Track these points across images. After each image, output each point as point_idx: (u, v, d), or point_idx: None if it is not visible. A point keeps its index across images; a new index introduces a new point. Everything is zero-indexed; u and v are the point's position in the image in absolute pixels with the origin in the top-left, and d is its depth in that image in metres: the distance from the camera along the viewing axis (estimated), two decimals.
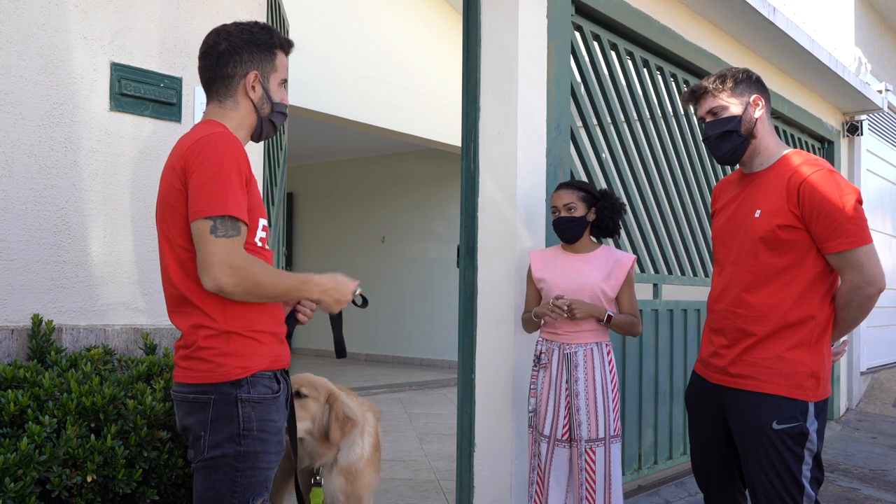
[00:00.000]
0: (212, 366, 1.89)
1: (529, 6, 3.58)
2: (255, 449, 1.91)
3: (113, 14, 2.81)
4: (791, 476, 2.35)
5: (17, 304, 2.58)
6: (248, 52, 2.01)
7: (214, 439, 1.89)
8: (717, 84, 2.52)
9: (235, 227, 1.84)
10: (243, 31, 2.02)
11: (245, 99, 2.02)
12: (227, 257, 1.81)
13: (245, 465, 1.90)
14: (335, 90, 7.11)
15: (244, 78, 2.00)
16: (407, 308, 10.59)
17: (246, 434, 1.90)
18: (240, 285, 1.83)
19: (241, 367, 1.90)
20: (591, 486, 2.98)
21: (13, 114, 2.58)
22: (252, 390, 1.91)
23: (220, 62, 2.00)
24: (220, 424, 1.89)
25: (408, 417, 6.72)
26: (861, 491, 4.91)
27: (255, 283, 1.86)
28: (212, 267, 1.81)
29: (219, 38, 2.02)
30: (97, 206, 2.77)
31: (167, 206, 1.92)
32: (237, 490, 1.90)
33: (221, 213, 1.81)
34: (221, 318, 1.90)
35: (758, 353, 2.42)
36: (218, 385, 1.89)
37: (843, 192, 2.32)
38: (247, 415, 1.90)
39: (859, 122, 7.38)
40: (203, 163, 1.84)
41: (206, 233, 1.81)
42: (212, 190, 1.82)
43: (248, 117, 2.04)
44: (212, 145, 1.86)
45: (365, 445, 2.74)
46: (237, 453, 1.89)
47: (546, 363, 3.09)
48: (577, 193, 3.12)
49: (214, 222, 1.81)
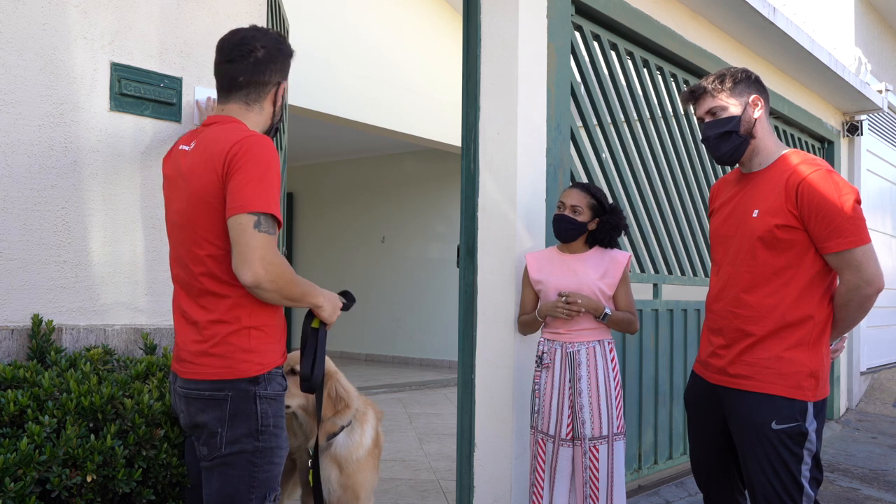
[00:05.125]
0: (231, 362, 1.92)
1: (529, 6, 3.59)
2: (271, 444, 1.98)
3: (113, 14, 2.81)
4: (790, 476, 2.35)
5: (17, 304, 2.58)
6: (282, 61, 2.10)
7: (233, 435, 1.93)
8: (716, 84, 2.52)
9: (274, 227, 1.90)
10: (276, 40, 2.10)
11: (270, 105, 2.10)
12: (267, 253, 1.86)
13: (262, 460, 1.96)
14: (335, 90, 7.11)
15: (276, 86, 2.09)
16: (407, 308, 10.58)
17: (264, 430, 1.95)
18: (275, 282, 1.88)
19: (260, 364, 1.95)
20: (595, 485, 2.98)
21: (13, 114, 2.58)
22: (269, 387, 1.97)
23: (257, 68, 2.06)
24: (238, 421, 1.93)
25: (408, 417, 6.73)
26: (861, 491, 4.91)
27: (287, 283, 1.92)
28: (253, 261, 1.85)
29: (255, 42, 2.07)
30: (97, 206, 2.77)
31: (201, 201, 1.95)
32: (255, 485, 1.95)
33: (266, 211, 1.87)
34: (245, 314, 1.95)
35: (756, 353, 2.42)
36: (235, 381, 1.93)
37: (842, 192, 2.32)
38: (264, 411, 1.96)
39: (859, 122, 7.39)
40: (250, 161, 1.89)
41: (249, 226, 1.85)
42: (258, 187, 1.88)
43: (265, 122, 2.12)
44: (258, 146, 1.92)
45: (365, 436, 2.74)
46: (255, 449, 1.94)
47: (549, 363, 3.09)
48: (588, 199, 3.12)
49: (259, 218, 1.86)
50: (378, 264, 10.93)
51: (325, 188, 11.70)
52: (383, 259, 10.93)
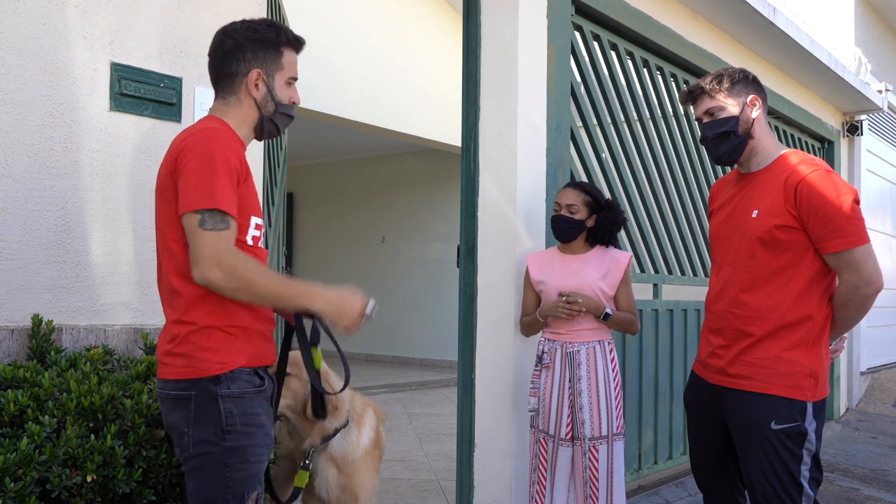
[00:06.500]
0: (191, 361, 1.88)
1: (529, 6, 3.59)
2: (241, 443, 1.91)
3: (113, 14, 2.81)
4: (790, 476, 2.35)
5: (17, 304, 2.58)
6: (252, 49, 2.01)
7: (199, 435, 1.89)
8: (714, 84, 2.52)
9: (224, 221, 1.84)
10: (249, 28, 2.03)
11: (248, 97, 2.02)
12: (215, 251, 1.81)
13: (234, 459, 1.90)
14: (335, 90, 7.11)
15: (247, 76, 2.01)
16: (407, 308, 10.58)
17: (230, 429, 1.89)
18: (229, 281, 1.83)
19: (220, 363, 1.89)
20: (595, 485, 2.98)
21: (13, 114, 2.58)
22: (232, 385, 1.90)
23: (224, 60, 2.02)
24: (204, 421, 1.89)
25: (408, 417, 6.73)
26: (861, 491, 4.91)
27: (245, 280, 1.85)
28: (200, 261, 1.81)
29: (225, 36, 2.03)
30: (97, 206, 2.78)
31: (162, 200, 1.94)
32: (230, 486, 1.89)
33: (209, 207, 1.82)
34: (202, 314, 1.90)
35: (756, 353, 2.42)
36: (198, 381, 1.88)
37: (841, 192, 2.32)
38: (228, 410, 1.89)
39: (859, 122, 7.38)
40: (193, 158, 1.85)
41: (194, 226, 1.82)
42: (200, 184, 1.83)
43: (250, 115, 2.04)
44: (202, 140, 1.88)
45: (362, 436, 2.72)
46: (223, 449, 1.89)
47: (549, 363, 3.09)
48: (583, 197, 3.12)
49: (202, 216, 1.82)
50: (378, 264, 10.93)
51: (325, 188, 11.70)
52: (383, 259, 10.93)
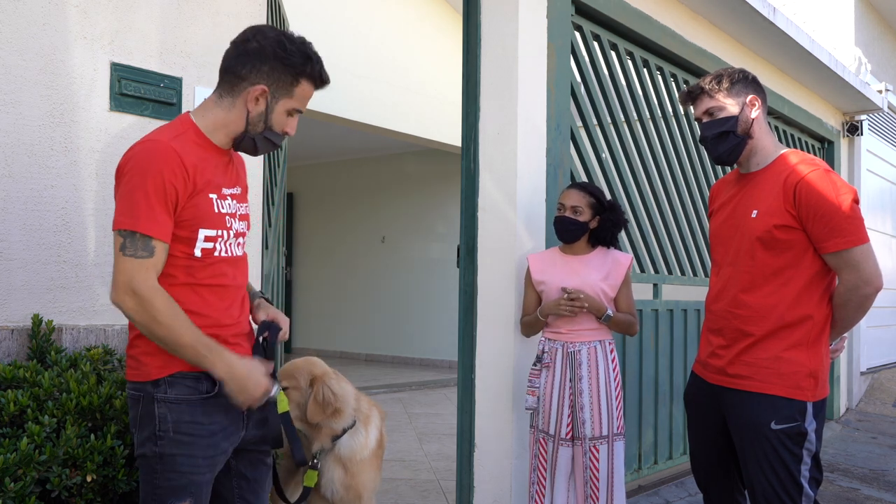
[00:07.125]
0: (138, 364, 1.88)
1: (529, 6, 3.59)
2: (171, 451, 1.85)
3: (113, 14, 2.81)
4: (790, 476, 2.35)
5: (17, 304, 2.58)
6: (271, 64, 1.88)
7: (139, 437, 1.89)
8: (714, 84, 2.52)
9: (147, 246, 1.77)
10: (280, 43, 1.89)
11: (242, 107, 1.91)
12: (130, 280, 1.75)
13: (162, 467, 1.85)
14: (335, 90, 7.06)
15: (252, 86, 1.89)
16: (407, 308, 10.58)
17: (161, 435, 1.85)
18: (138, 313, 1.77)
19: (159, 367, 1.86)
20: (595, 485, 2.99)
21: (13, 114, 2.59)
22: (169, 390, 1.86)
23: (239, 59, 1.90)
24: (144, 423, 1.88)
25: (408, 417, 6.73)
26: (861, 491, 4.91)
27: (152, 319, 1.76)
28: (115, 285, 1.77)
29: (255, 35, 1.91)
30: (97, 206, 2.78)
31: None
32: (156, 492, 1.86)
33: (131, 228, 1.75)
34: None
35: (756, 353, 2.43)
36: (143, 384, 1.88)
37: (840, 192, 2.32)
38: (162, 415, 1.85)
39: (859, 122, 7.38)
40: (126, 174, 1.80)
41: (116, 248, 1.77)
42: (126, 204, 1.77)
43: (235, 124, 1.93)
44: (137, 156, 1.81)
45: (369, 437, 2.72)
46: (154, 454, 1.86)
47: (549, 362, 3.10)
48: (587, 198, 3.12)
49: (125, 239, 1.76)
50: (378, 264, 10.93)
51: (325, 188, 11.70)
52: (383, 259, 10.93)
